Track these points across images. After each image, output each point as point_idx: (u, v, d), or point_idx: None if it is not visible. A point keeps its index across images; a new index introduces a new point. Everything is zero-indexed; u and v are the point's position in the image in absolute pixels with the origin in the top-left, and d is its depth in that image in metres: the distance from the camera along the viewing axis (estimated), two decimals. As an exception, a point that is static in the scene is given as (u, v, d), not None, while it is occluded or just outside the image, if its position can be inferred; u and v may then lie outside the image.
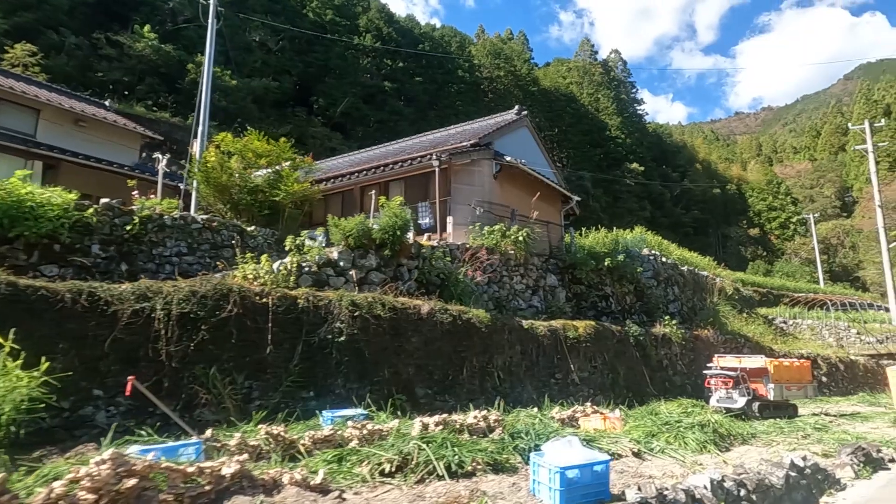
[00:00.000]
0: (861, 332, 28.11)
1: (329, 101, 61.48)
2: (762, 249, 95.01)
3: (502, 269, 13.98)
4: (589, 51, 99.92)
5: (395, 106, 64.23)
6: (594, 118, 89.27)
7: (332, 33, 64.61)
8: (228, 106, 48.33)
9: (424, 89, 69.37)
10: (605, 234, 20.78)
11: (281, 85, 57.03)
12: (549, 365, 12.46)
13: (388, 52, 67.78)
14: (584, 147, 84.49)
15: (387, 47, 67.13)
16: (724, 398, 11.03)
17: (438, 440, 5.66)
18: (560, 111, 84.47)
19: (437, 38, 76.79)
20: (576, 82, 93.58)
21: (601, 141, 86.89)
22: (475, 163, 15.45)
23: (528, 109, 74.60)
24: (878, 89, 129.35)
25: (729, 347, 17.44)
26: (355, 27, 66.74)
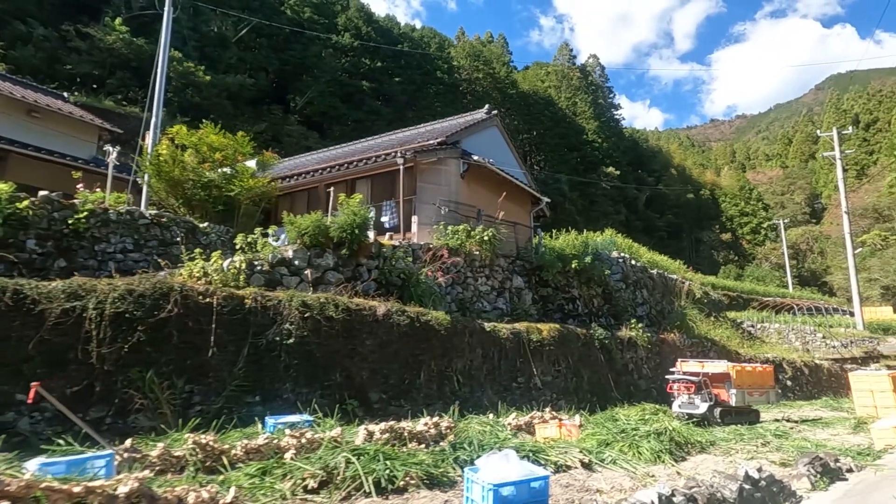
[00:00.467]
0: (826, 337, 28.32)
1: (306, 100, 60.68)
2: (734, 254, 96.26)
3: (466, 270, 13.62)
4: (567, 55, 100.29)
5: (373, 105, 63.64)
6: (572, 122, 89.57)
7: (309, 31, 63.88)
8: (202, 102, 47.33)
9: (403, 90, 68.86)
10: (576, 237, 20.54)
11: (257, 82, 56.02)
12: (511, 369, 12.11)
13: (366, 51, 67.15)
14: (562, 150, 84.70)
15: (366, 42, 66.51)
16: (687, 403, 10.79)
17: (371, 452, 5.24)
18: (538, 114, 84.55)
19: (416, 39, 76.34)
20: (554, 86, 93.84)
21: (578, 144, 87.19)
22: (442, 161, 15.07)
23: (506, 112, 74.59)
24: (846, 99, 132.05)
25: (696, 351, 17.30)
26: (334, 25, 65.97)
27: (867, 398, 12.80)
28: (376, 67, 66.56)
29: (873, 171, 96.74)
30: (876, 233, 75.15)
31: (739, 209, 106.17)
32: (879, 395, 12.54)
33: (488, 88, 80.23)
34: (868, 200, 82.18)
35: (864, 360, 23.86)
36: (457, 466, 5.45)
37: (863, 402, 12.92)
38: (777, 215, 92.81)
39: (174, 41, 50.39)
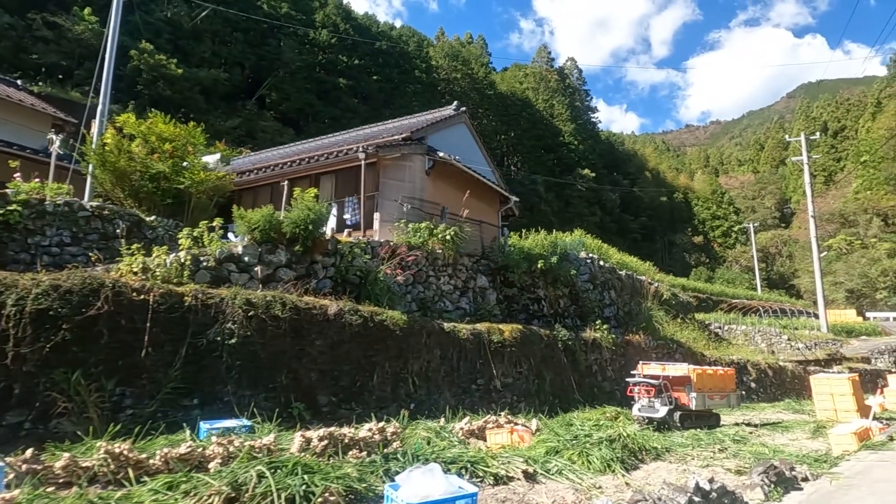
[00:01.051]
0: (791, 339, 28.50)
1: (282, 96, 59.78)
2: (705, 256, 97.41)
3: (429, 268, 13.19)
4: (546, 58, 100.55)
5: (350, 103, 62.94)
6: (549, 124, 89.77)
7: (287, 27, 62.93)
8: (174, 96, 46.25)
9: (380, 88, 68.26)
10: (545, 237, 20.22)
11: (231, 77, 54.99)
12: (471, 370, 11.72)
13: (344, 48, 66.40)
14: (538, 152, 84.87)
15: (343, 39, 65.73)
16: (647, 407, 10.51)
17: (289, 465, 4.78)
18: (515, 115, 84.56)
19: (394, 38, 75.68)
20: (532, 88, 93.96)
21: (555, 146, 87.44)
22: (406, 157, 14.63)
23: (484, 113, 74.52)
24: (816, 107, 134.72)
25: (661, 353, 17.12)
26: (311, 22, 65.06)
27: (827, 402, 12.68)
28: (354, 65, 65.86)
29: (840, 177, 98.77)
30: (842, 237, 76.59)
31: (711, 212, 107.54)
32: (839, 399, 12.42)
33: (466, 89, 79.94)
34: (835, 206, 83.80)
35: (826, 363, 23.99)
36: (387, 479, 5.02)
37: (823, 405, 12.79)
38: (748, 219, 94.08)
39: (146, 33, 49.31)
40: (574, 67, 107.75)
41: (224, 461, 5.80)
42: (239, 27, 58.53)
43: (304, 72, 61.36)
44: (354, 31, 69.13)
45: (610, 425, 7.89)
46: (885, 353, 27.38)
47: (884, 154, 72.21)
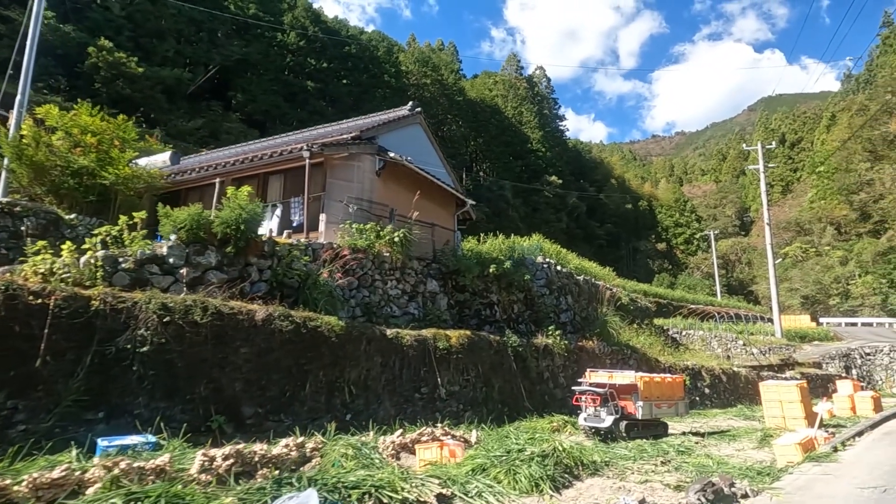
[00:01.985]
0: (747, 344, 28.64)
1: (248, 97, 58.48)
2: (668, 263, 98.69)
3: (375, 272, 12.59)
4: (515, 65, 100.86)
5: (318, 106, 61.93)
6: (517, 131, 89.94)
7: (254, 28, 61.68)
8: (133, 95, 44.61)
9: (349, 91, 67.37)
10: (503, 241, 19.80)
11: (195, 76, 53.53)
12: (414, 378, 11.14)
13: (313, 51, 65.46)
14: (507, 158, 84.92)
15: (312, 42, 64.74)
16: (592, 416, 10.07)
17: (154, 495, 4.13)
18: (485, 122, 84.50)
19: (364, 42, 74.89)
20: (501, 95, 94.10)
21: (523, 153, 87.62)
22: (355, 157, 14.01)
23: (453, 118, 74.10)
24: (774, 119, 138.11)
25: (615, 359, 16.80)
26: (280, 23, 63.90)
27: (776, 409, 12.45)
28: (322, 68, 64.91)
29: (797, 187, 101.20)
30: (797, 245, 78.27)
31: (674, 220, 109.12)
32: (788, 406, 12.19)
33: (436, 94, 79.58)
34: (791, 215, 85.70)
35: (779, 368, 24.07)
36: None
37: (772, 412, 12.56)
38: (709, 227, 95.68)
39: (106, 30, 47.61)
40: (543, 76, 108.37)
41: (108, 486, 5.12)
42: (204, 27, 57.15)
43: (272, 73, 60.23)
44: (324, 35, 68.19)
45: (546, 438, 7.38)
46: (836, 358, 27.69)
47: (837, 165, 74.08)
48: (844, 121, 79.24)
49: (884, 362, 28.48)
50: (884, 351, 28.64)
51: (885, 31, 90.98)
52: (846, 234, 73.16)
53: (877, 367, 28.57)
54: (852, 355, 28.53)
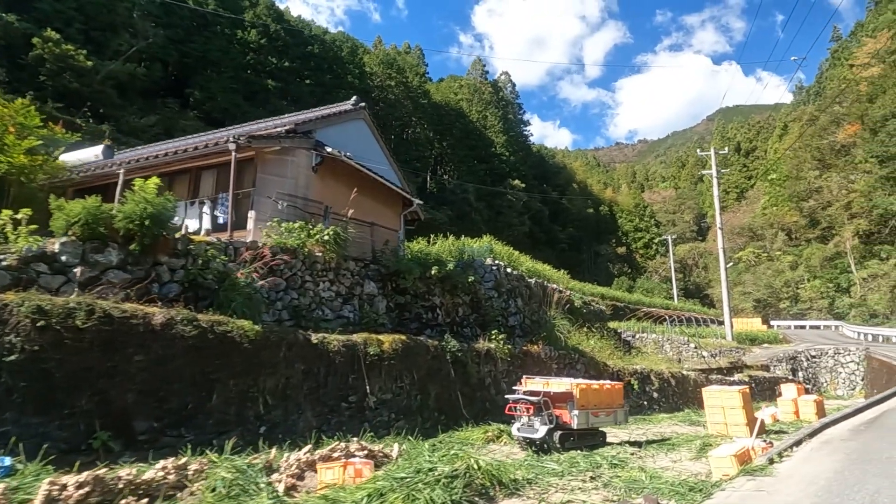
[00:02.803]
0: (698, 347, 28.62)
1: (207, 95, 56.71)
2: (628, 267, 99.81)
3: (305, 273, 11.74)
4: (480, 70, 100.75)
5: (279, 105, 60.34)
6: (482, 135, 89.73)
7: (213, 25, 59.91)
8: (82, 89, 42.56)
9: (311, 91, 65.95)
10: (452, 242, 19.14)
11: (151, 72, 51.50)
12: (341, 386, 10.35)
13: (275, 49, 63.95)
14: (471, 162, 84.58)
15: (274, 41, 63.23)
16: (525, 427, 9.45)
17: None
18: (449, 125, 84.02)
19: (328, 42, 73.61)
20: (466, 99, 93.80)
21: (487, 157, 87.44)
22: (289, 152, 13.15)
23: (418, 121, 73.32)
24: (730, 129, 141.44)
25: (562, 364, 16.29)
26: (240, 21, 62.22)
27: (719, 415, 12.06)
28: (284, 67, 63.44)
29: (751, 193, 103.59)
30: (750, 250, 79.92)
31: (634, 225, 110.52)
32: (730, 412, 11.81)
33: (400, 96, 78.74)
34: (745, 220, 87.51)
35: (728, 371, 24.02)
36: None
37: (715, 419, 12.17)
38: (668, 232, 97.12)
39: (55, 21, 45.43)
40: (508, 81, 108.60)
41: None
42: (160, 22, 55.19)
43: (231, 71, 58.59)
44: (286, 34, 66.72)
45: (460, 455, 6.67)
46: (783, 361, 27.90)
47: (788, 173, 75.93)
48: (796, 130, 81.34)
49: (828, 365, 28.83)
50: (828, 353, 29.01)
51: (834, 46, 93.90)
52: (796, 240, 75.02)
53: (822, 370, 28.91)
54: (799, 358, 28.82)
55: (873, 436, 9.25)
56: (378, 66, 78.21)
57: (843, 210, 59.04)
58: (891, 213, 48.79)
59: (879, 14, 69.04)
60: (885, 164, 48.52)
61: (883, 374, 23.81)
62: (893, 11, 58.87)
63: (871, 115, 50.05)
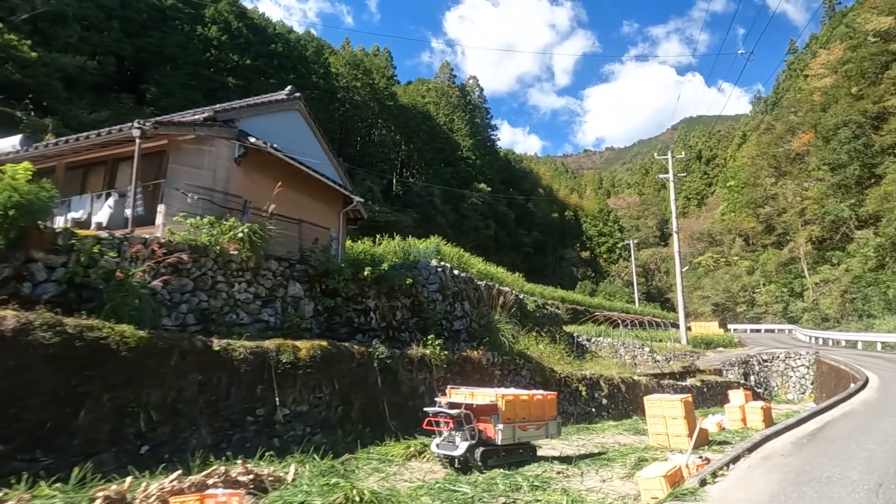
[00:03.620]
0: (653, 351, 28.19)
1: (163, 91, 54.66)
2: (591, 271, 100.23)
3: (217, 272, 10.62)
4: (448, 74, 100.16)
5: (239, 103, 58.58)
6: (448, 138, 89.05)
7: (172, 20, 57.87)
8: (25, 80, 40.29)
9: (274, 90, 64.12)
10: (398, 243, 18.18)
11: (103, 66, 49.25)
12: (247, 398, 9.26)
13: (236, 46, 62.12)
14: (437, 165, 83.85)
15: (236, 38, 61.41)
16: (445, 443, 8.54)
17: None
18: (416, 128, 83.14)
19: (293, 41, 71.95)
20: (434, 102, 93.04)
21: (453, 160, 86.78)
22: (207, 141, 12.01)
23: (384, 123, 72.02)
24: (692, 137, 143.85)
25: (506, 370, 15.45)
26: (201, 17, 60.24)
27: (660, 425, 11.35)
28: (246, 65, 61.63)
29: (710, 200, 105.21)
30: (709, 255, 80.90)
31: (598, 230, 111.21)
32: (672, 423, 11.11)
33: (367, 98, 77.59)
34: (704, 226, 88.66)
35: (681, 375, 23.57)
36: None
37: (656, 429, 11.46)
38: (631, 237, 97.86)
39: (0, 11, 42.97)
40: (476, 85, 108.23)
41: None
42: (115, 14, 53.01)
43: (190, 67, 56.54)
44: (249, 31, 64.99)
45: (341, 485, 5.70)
46: (736, 365, 27.66)
47: (745, 180, 77.12)
48: (753, 139, 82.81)
49: (779, 369, 28.72)
50: (780, 357, 28.90)
51: (791, 58, 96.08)
52: (753, 245, 76.17)
53: (773, 374, 28.78)
54: (751, 362, 28.65)
55: (814, 450, 8.60)
56: (344, 66, 76.89)
57: (798, 217, 60.00)
58: (842, 220, 49.61)
59: (833, 28, 70.69)
60: (837, 172, 49.31)
61: (831, 378, 23.68)
62: (846, 25, 60.13)
63: (823, 124, 50.89)
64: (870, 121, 45.37)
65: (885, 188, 38.68)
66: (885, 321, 36.39)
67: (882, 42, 44.52)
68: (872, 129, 45.21)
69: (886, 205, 38.15)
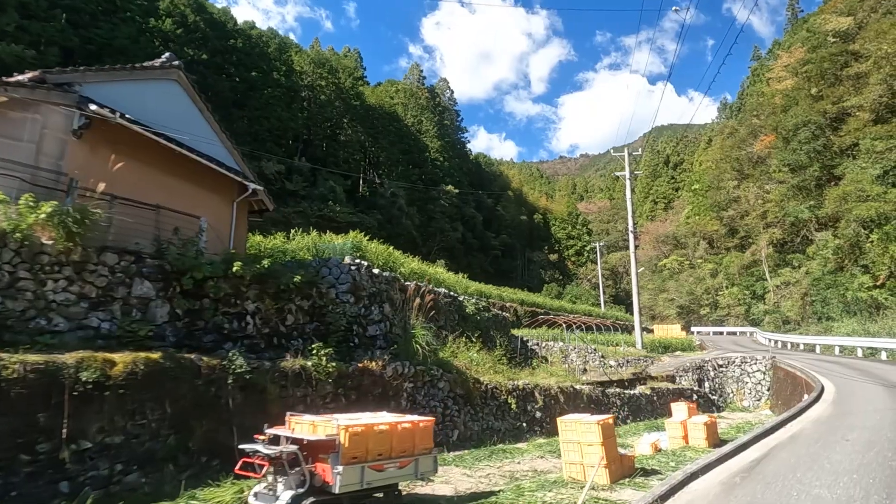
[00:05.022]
0: (604, 356, 26.32)
1: (111, 84, 51.42)
2: (559, 273, 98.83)
3: (20, 266, 8.28)
4: (418, 75, 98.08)
5: (193, 99, 55.66)
6: (416, 139, 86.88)
7: (124, 11, 54.79)
8: (-51, 67, 37.18)
9: (232, 87, 61.52)
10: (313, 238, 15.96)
11: (44, 57, 46.02)
12: (23, 431, 6.94)
13: (192, 41, 59.27)
14: (404, 166, 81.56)
15: (192, 32, 58.49)
16: (266, 492, 6.35)
17: None
18: (382, 129, 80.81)
19: (254, 37, 69.13)
20: (402, 103, 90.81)
21: (421, 162, 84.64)
22: (28, 107, 9.66)
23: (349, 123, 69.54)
24: (660, 142, 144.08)
25: (418, 383, 13.27)
26: (155, 9, 57.24)
27: (575, 453, 9.27)
28: (202, 59, 58.73)
29: (677, 203, 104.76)
30: (674, 258, 80.00)
31: (567, 233, 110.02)
32: (588, 451, 9.04)
33: (332, 97, 75.07)
34: (670, 229, 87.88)
35: (630, 382, 21.68)
36: None
37: (570, 457, 9.37)
38: (600, 240, 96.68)
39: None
40: (446, 88, 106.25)
41: None
42: (61, 3, 49.83)
43: (141, 59, 53.29)
44: (207, 26, 62.08)
45: None
46: (690, 371, 25.89)
47: (710, 183, 76.39)
48: (718, 143, 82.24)
49: (735, 374, 27.04)
50: (735, 362, 27.23)
51: (755, 64, 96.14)
52: (717, 248, 75.34)
53: (728, 380, 27.10)
54: (706, 367, 26.91)
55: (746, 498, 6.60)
56: (309, 65, 74.29)
57: (760, 219, 59.10)
58: (802, 222, 48.62)
59: (795, 33, 70.42)
60: (797, 173, 48.32)
61: (787, 385, 22.06)
62: (807, 30, 59.60)
63: (783, 124, 49.94)
64: (829, 122, 44.44)
65: (843, 188, 37.56)
66: (843, 324, 35.17)
67: (841, 42, 43.74)
68: (832, 131, 44.27)
69: (845, 205, 37.02)
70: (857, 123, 39.22)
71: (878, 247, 34.77)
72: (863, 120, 38.72)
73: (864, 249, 36.94)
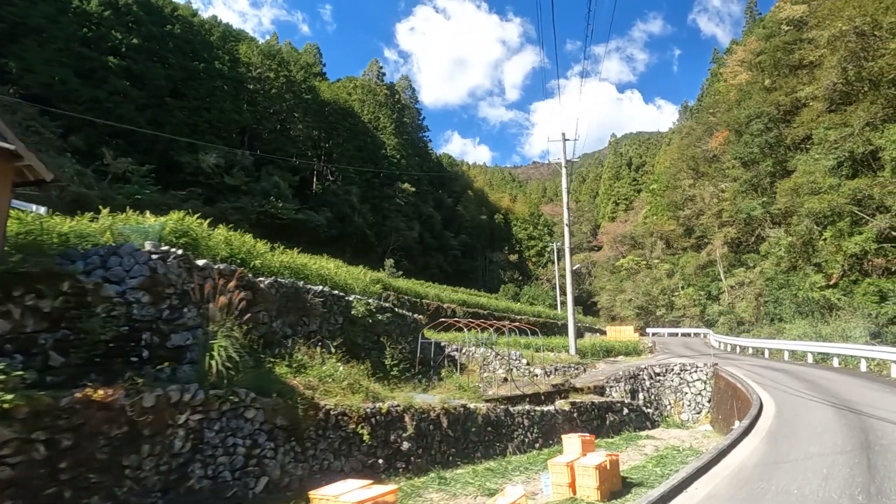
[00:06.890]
0: (530, 364, 22.84)
1: (25, 67, 46.58)
2: (519, 274, 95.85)
3: None
4: (377, 71, 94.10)
5: (120, 86, 50.98)
6: (373, 136, 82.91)
7: (43, -10, 49.77)
8: None
9: (168, 75, 56.83)
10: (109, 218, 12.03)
11: (-56, 34, 41.17)
12: None
13: (122, 24, 54.50)
14: (358, 162, 77.48)
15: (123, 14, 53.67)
16: None
17: None
18: (336, 124, 76.67)
19: (195, 25, 64.45)
20: (360, 99, 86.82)
21: (376, 159, 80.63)
22: None
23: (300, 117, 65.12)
24: (624, 145, 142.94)
25: (213, 413, 9.45)
26: (81, -11, 52.32)
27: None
28: (133, 44, 53.99)
29: (637, 204, 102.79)
30: (631, 258, 77.56)
31: (528, 233, 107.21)
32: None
33: (282, 90, 70.69)
34: (628, 229, 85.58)
35: (547, 396, 18.14)
36: None
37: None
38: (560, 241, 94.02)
39: None
40: (407, 86, 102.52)
41: None
42: (-30, -20, 44.81)
43: (61, 42, 48.59)
44: (140, 9, 57.27)
45: None
46: (623, 380, 22.49)
47: (667, 183, 74.10)
48: (676, 142, 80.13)
49: (673, 384, 23.82)
50: (674, 370, 23.99)
51: (714, 66, 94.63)
52: (674, 248, 73.05)
53: (666, 390, 23.85)
54: (641, 376, 23.54)
55: None
56: (257, 56, 69.85)
57: (715, 218, 56.68)
58: (755, 220, 46.10)
59: (751, 32, 68.60)
60: (749, 168, 45.80)
61: (728, 397, 18.87)
62: (763, 27, 57.55)
63: (736, 116, 47.49)
64: (782, 115, 41.97)
65: (794, 180, 34.88)
66: (795, 325, 32.40)
67: (795, 30, 41.32)
68: (785, 124, 41.78)
69: (797, 199, 34.32)
70: (811, 114, 36.70)
71: (831, 244, 32.16)
72: (816, 110, 36.19)
73: (817, 247, 34.32)
